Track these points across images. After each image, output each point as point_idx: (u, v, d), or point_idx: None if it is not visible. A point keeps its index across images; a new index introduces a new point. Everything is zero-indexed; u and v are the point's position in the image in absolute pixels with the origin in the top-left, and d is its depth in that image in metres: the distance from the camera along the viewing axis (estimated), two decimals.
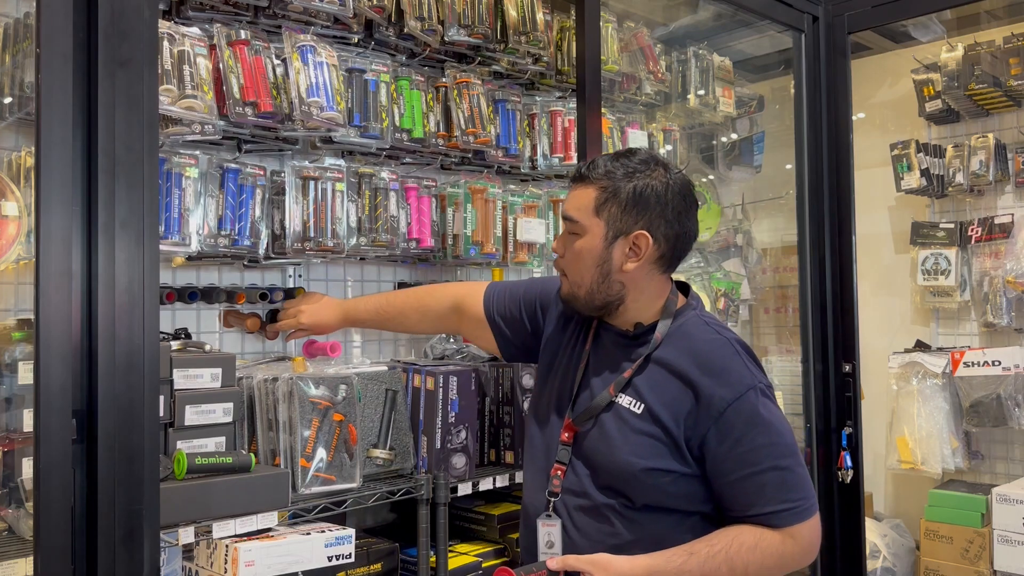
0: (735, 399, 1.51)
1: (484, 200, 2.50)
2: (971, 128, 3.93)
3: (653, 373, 1.59)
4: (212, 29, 2.01)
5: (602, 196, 1.59)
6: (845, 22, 3.14)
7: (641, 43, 3.07)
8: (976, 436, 3.83)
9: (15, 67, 1.86)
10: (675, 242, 1.61)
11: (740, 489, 1.52)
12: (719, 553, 1.48)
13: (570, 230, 1.63)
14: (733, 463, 1.51)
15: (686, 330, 1.62)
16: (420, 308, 2.02)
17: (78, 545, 1.40)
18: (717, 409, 1.51)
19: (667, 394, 1.55)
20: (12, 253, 1.76)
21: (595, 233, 1.59)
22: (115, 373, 1.43)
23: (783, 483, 1.51)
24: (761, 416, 1.52)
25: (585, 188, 1.61)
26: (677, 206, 1.60)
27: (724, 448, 1.51)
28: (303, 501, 1.86)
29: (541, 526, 1.62)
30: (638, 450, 1.54)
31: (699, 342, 1.59)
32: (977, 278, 3.83)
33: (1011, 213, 3.74)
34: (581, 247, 1.61)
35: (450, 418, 2.12)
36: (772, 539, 1.50)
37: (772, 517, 1.50)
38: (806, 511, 1.52)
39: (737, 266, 3.69)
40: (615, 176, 1.59)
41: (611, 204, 1.58)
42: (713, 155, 3.70)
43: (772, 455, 1.51)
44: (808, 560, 1.56)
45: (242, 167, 2.08)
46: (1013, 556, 3.28)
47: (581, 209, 1.61)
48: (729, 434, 1.51)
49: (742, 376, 1.54)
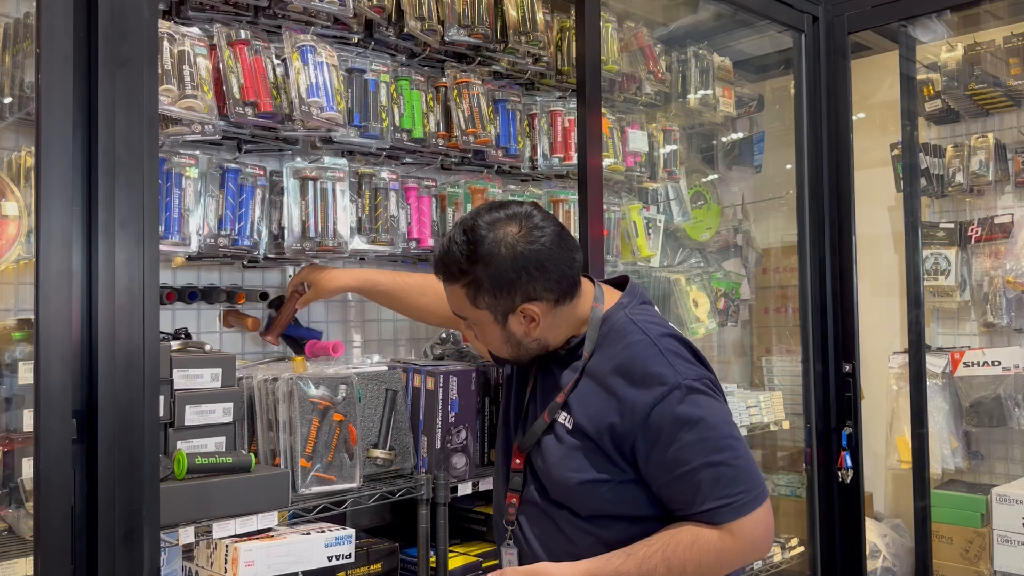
0: (657, 402, 1.49)
1: (484, 200, 2.50)
2: (971, 128, 3.93)
3: (584, 386, 1.60)
4: (212, 29, 2.01)
5: (470, 291, 1.58)
6: (845, 22, 3.13)
7: (641, 43, 3.07)
8: (976, 436, 3.83)
9: (15, 67, 1.86)
10: (561, 282, 1.58)
11: (676, 490, 1.50)
12: (655, 553, 1.48)
13: (465, 322, 1.68)
14: (664, 466, 1.50)
15: (614, 335, 1.60)
16: (437, 291, 1.88)
17: (78, 545, 1.40)
18: (641, 415, 1.49)
19: (592, 406, 1.55)
20: (12, 253, 1.76)
21: (486, 320, 1.61)
22: (115, 373, 1.43)
23: (717, 479, 1.47)
24: (687, 414, 1.48)
25: (452, 287, 1.62)
26: (542, 257, 1.55)
27: (654, 452, 1.50)
28: (303, 501, 1.86)
29: (504, 553, 1.68)
30: (571, 464, 1.55)
31: (621, 347, 1.57)
32: (977, 278, 3.83)
33: (1011, 213, 3.74)
34: (483, 332, 1.66)
35: (450, 418, 2.12)
36: (710, 536, 1.47)
37: (709, 515, 1.48)
38: (745, 505, 1.48)
39: (737, 266, 3.69)
40: (468, 269, 1.57)
41: (482, 295, 1.58)
42: (713, 155, 3.70)
43: (703, 451, 1.48)
44: (755, 556, 1.53)
45: (242, 167, 2.08)
46: (1013, 556, 3.28)
47: (461, 307, 1.63)
48: (656, 437, 1.49)
49: (663, 376, 1.50)
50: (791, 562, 3.20)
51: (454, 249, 1.58)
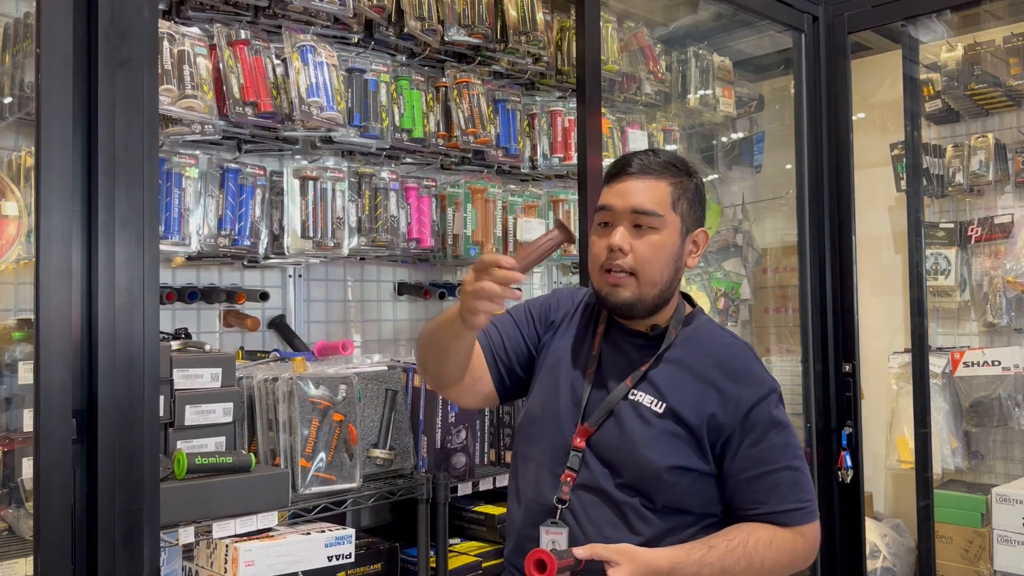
0: (760, 400, 1.55)
1: (484, 200, 2.50)
2: (971, 128, 3.93)
3: (672, 372, 1.59)
4: (212, 29, 2.01)
5: (676, 192, 1.57)
6: (845, 22, 3.13)
7: (641, 43, 3.07)
8: (976, 436, 3.82)
9: (15, 67, 1.86)
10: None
11: (755, 486, 1.54)
12: (737, 547, 1.50)
13: (646, 224, 1.54)
14: (751, 460, 1.54)
15: (701, 333, 1.64)
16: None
17: (78, 545, 1.40)
18: (744, 409, 1.54)
19: (689, 394, 1.56)
20: (12, 253, 1.76)
21: (673, 228, 1.57)
22: (115, 373, 1.43)
23: (796, 483, 1.55)
24: (779, 418, 1.57)
25: (655, 182, 1.56)
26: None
27: (745, 446, 1.54)
28: (303, 501, 1.86)
29: (545, 533, 1.58)
30: (662, 448, 1.54)
31: (717, 346, 1.62)
32: (977, 278, 3.82)
33: (1011, 213, 3.74)
34: (661, 242, 1.55)
35: (450, 418, 2.12)
36: (785, 536, 1.53)
37: (784, 515, 1.54)
38: (813, 512, 1.57)
39: (737, 266, 3.69)
40: (679, 172, 1.59)
41: (683, 200, 1.58)
42: (713, 155, 3.70)
43: (787, 455, 1.56)
44: (811, 559, 1.60)
45: (242, 167, 2.08)
46: (1013, 556, 3.27)
47: (659, 203, 1.56)
48: (751, 432, 1.54)
49: (763, 378, 1.59)
50: None
51: (668, 155, 1.62)
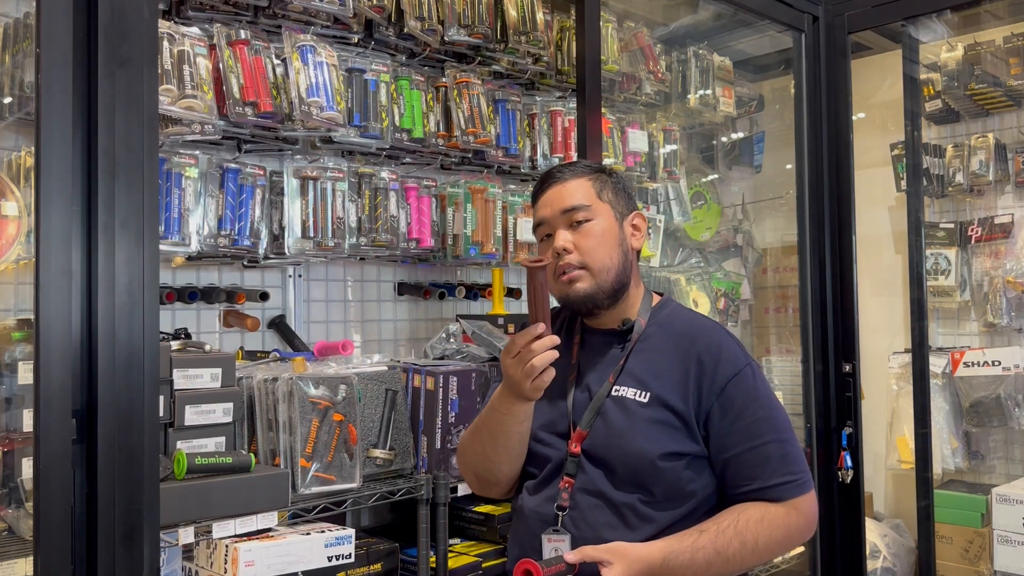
0: (735, 374, 1.56)
1: (484, 200, 2.50)
2: (971, 128, 3.93)
3: (650, 360, 1.61)
4: (212, 29, 2.01)
5: (597, 184, 1.66)
6: (845, 22, 3.13)
7: (641, 43, 3.07)
8: (976, 436, 3.82)
9: (15, 67, 1.86)
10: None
11: (743, 462, 1.55)
12: (728, 528, 1.50)
13: (580, 218, 1.62)
14: (736, 436, 1.55)
15: (673, 318, 1.68)
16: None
17: (78, 545, 1.40)
18: (719, 384, 1.55)
19: (670, 378, 1.58)
20: (12, 253, 1.76)
21: (606, 214, 1.65)
22: (115, 373, 1.43)
23: (784, 456, 1.55)
24: (759, 390, 1.58)
25: (575, 181, 1.66)
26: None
27: (727, 422, 1.55)
28: (303, 501, 1.86)
29: (547, 541, 1.59)
30: (652, 436, 1.55)
31: (689, 325, 1.65)
32: (977, 278, 3.82)
33: (1011, 213, 3.74)
34: (601, 229, 1.63)
35: (450, 418, 2.12)
36: (777, 511, 1.53)
37: (775, 490, 1.54)
38: (805, 484, 1.56)
39: (737, 266, 3.69)
40: (595, 171, 1.69)
41: (606, 190, 1.67)
42: (713, 155, 3.70)
43: (772, 428, 1.56)
44: (810, 533, 1.60)
45: (242, 167, 2.08)
46: (1013, 556, 3.27)
47: (585, 196, 1.64)
48: (731, 408, 1.55)
49: (736, 354, 1.60)
50: (791, 562, 3.19)
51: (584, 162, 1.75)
